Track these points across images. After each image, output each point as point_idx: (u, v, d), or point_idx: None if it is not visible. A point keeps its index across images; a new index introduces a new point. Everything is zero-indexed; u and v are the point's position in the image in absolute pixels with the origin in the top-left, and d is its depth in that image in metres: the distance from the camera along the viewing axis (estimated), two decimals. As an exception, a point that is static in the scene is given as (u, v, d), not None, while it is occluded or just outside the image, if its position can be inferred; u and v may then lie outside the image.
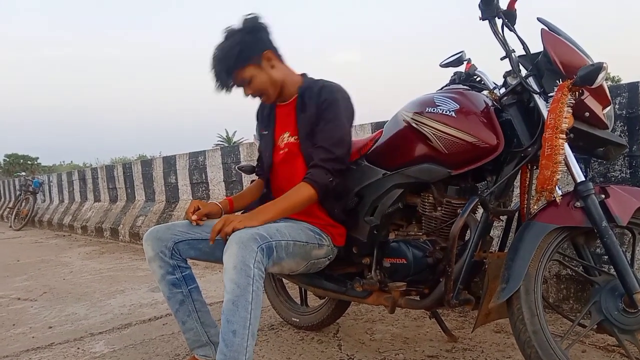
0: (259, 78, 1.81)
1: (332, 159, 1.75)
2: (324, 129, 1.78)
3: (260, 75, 1.81)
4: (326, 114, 1.78)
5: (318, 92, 1.82)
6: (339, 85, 1.86)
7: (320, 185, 1.73)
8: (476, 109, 1.66)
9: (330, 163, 1.74)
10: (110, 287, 3.84)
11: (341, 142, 1.78)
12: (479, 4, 1.62)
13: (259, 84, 1.82)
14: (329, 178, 1.74)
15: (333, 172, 1.75)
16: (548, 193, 1.49)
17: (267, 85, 1.83)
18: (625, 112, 2.35)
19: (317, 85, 1.84)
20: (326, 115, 1.78)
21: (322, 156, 1.75)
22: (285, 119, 1.92)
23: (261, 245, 1.53)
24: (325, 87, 1.82)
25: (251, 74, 1.80)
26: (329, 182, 1.74)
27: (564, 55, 1.51)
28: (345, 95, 1.84)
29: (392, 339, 2.26)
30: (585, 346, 2.00)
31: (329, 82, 1.87)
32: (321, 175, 1.73)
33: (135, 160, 8.01)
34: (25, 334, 2.75)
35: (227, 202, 1.98)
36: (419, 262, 1.71)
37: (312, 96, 1.83)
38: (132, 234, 6.58)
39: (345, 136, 1.80)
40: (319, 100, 1.80)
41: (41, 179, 11.09)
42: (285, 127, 1.92)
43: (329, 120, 1.78)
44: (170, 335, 2.52)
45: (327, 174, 1.74)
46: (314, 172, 1.74)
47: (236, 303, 1.47)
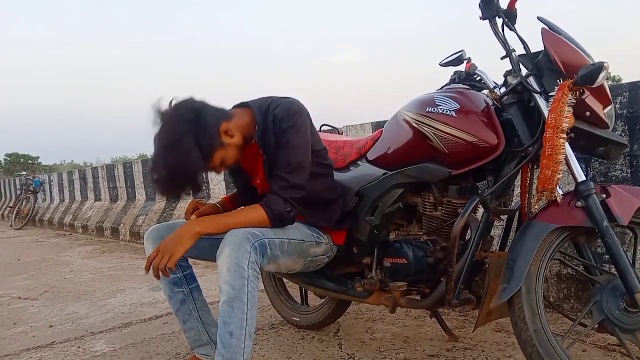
0: (228, 155, 1.67)
1: (290, 187, 1.65)
2: (281, 156, 1.67)
3: (228, 151, 1.67)
4: (281, 141, 1.67)
5: (272, 124, 1.69)
6: (288, 103, 1.72)
7: (276, 213, 1.63)
8: (477, 109, 1.66)
9: (287, 192, 1.65)
10: (111, 287, 3.84)
11: (298, 168, 1.66)
12: (480, 4, 1.63)
13: (231, 160, 1.69)
14: (287, 208, 1.64)
15: (291, 201, 1.65)
16: (549, 193, 1.49)
17: (238, 155, 1.71)
18: (626, 112, 2.35)
19: (269, 117, 1.70)
20: (281, 142, 1.67)
21: (280, 184, 1.65)
22: (251, 163, 1.82)
23: (254, 244, 1.52)
24: (277, 117, 1.68)
25: (220, 158, 1.65)
26: (286, 211, 1.64)
27: (565, 55, 1.51)
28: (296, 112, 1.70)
29: (392, 338, 2.26)
30: (586, 346, 2.00)
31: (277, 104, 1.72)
32: (280, 204, 1.63)
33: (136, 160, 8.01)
34: (26, 333, 2.75)
35: (226, 201, 1.98)
36: (420, 262, 1.72)
37: (269, 136, 1.70)
38: (133, 233, 6.58)
39: (303, 161, 1.68)
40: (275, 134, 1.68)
41: (42, 179, 11.09)
42: (255, 171, 1.83)
43: (284, 147, 1.66)
44: (171, 335, 2.52)
45: (285, 203, 1.64)
46: (273, 200, 1.64)
47: (232, 305, 1.48)
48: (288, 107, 1.69)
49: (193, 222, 1.59)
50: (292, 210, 1.67)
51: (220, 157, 1.64)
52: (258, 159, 1.77)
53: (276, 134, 1.67)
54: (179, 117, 1.58)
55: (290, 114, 1.68)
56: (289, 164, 1.65)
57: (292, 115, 1.68)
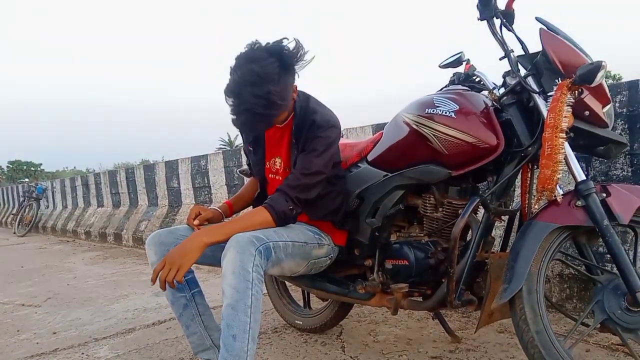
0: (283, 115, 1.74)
1: (299, 186, 1.69)
2: (303, 158, 1.72)
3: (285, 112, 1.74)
4: (310, 145, 1.72)
5: (310, 124, 1.74)
6: (329, 115, 1.78)
7: (278, 212, 1.67)
8: (476, 110, 1.66)
9: (294, 190, 1.69)
10: (114, 292, 3.84)
11: (315, 174, 1.71)
12: (477, 4, 1.63)
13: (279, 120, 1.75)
14: (289, 206, 1.68)
15: (295, 200, 1.69)
16: (549, 192, 1.49)
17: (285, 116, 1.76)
18: (625, 110, 2.35)
19: (310, 116, 1.75)
20: (309, 146, 1.72)
21: (289, 182, 1.70)
22: (277, 142, 1.86)
23: (259, 247, 1.53)
24: (316, 122, 1.73)
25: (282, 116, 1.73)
26: (288, 209, 1.68)
27: (563, 55, 1.51)
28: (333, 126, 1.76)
29: (395, 340, 2.26)
30: (589, 345, 2.00)
31: (317, 109, 1.78)
32: (281, 202, 1.68)
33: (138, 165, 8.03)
34: (29, 339, 2.75)
35: (227, 206, 1.98)
36: (421, 263, 1.72)
37: (304, 127, 1.75)
38: (136, 238, 6.59)
39: (321, 170, 1.72)
40: (309, 133, 1.74)
41: (44, 185, 11.12)
42: (277, 151, 1.87)
43: (311, 151, 1.72)
44: (174, 340, 2.53)
45: (287, 201, 1.68)
46: (275, 198, 1.68)
47: (235, 307, 1.48)
48: (328, 119, 1.76)
49: (199, 233, 1.60)
50: (295, 209, 1.71)
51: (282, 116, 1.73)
52: (283, 140, 1.82)
53: (309, 136, 1.73)
54: (278, 55, 1.61)
55: (328, 126, 1.74)
56: (308, 168, 1.70)
57: (329, 127, 1.74)
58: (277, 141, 1.86)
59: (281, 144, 1.85)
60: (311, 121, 1.74)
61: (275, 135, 1.85)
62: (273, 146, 1.88)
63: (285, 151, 1.83)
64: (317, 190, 1.75)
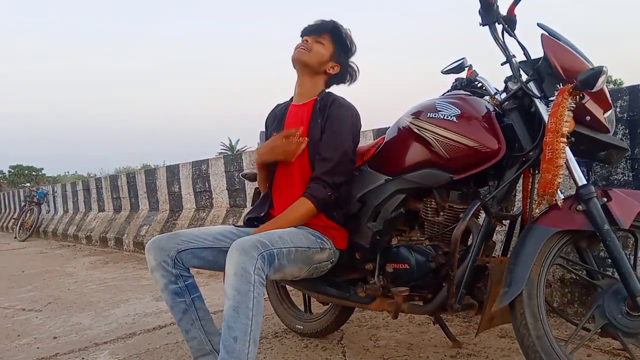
0: (320, 48, 1.94)
1: (332, 172, 1.80)
2: (327, 141, 1.84)
3: (323, 50, 1.94)
4: (331, 126, 1.84)
5: (330, 104, 1.90)
6: (348, 102, 1.94)
7: (319, 199, 1.78)
8: (477, 114, 1.66)
9: (329, 176, 1.79)
10: (114, 297, 3.84)
11: (343, 155, 1.83)
12: (479, 10, 1.64)
13: (316, 50, 1.93)
14: (327, 192, 1.79)
15: (332, 185, 1.80)
16: (550, 197, 1.49)
17: (315, 57, 1.93)
18: (626, 116, 2.35)
19: (330, 98, 1.93)
20: (331, 127, 1.84)
21: (322, 169, 1.80)
22: (297, 119, 1.96)
23: (262, 253, 1.54)
24: (336, 101, 1.90)
25: (323, 42, 1.95)
26: (327, 196, 1.79)
27: (564, 60, 1.52)
28: (352, 112, 1.91)
29: (396, 345, 2.25)
30: (590, 350, 1.99)
31: (340, 97, 1.95)
32: (320, 189, 1.78)
33: (139, 170, 8.03)
34: (30, 344, 2.75)
35: None
36: (422, 267, 1.71)
37: (326, 106, 1.90)
38: (136, 243, 6.59)
39: (347, 150, 1.85)
40: (328, 112, 1.87)
41: (45, 190, 11.12)
42: (296, 125, 1.94)
43: (333, 132, 1.85)
44: (175, 344, 2.52)
45: (325, 187, 1.79)
46: (313, 187, 1.79)
47: (237, 309, 1.48)
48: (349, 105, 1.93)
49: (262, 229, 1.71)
50: (333, 194, 1.81)
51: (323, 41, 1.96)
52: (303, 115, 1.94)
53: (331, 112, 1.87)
54: None
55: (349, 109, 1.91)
56: (335, 150, 1.82)
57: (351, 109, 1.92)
58: (298, 118, 1.96)
59: (301, 119, 1.95)
60: (332, 99, 1.91)
61: (298, 114, 1.97)
62: (292, 123, 1.97)
63: (305, 124, 1.92)
64: (347, 170, 1.86)
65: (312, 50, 1.93)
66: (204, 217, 5.67)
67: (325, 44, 1.95)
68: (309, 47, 1.94)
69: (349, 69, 2.04)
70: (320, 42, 1.95)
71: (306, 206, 1.78)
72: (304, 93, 1.98)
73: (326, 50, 1.95)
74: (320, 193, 1.78)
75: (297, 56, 1.94)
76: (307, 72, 1.97)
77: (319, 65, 1.95)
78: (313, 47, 1.94)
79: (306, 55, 1.93)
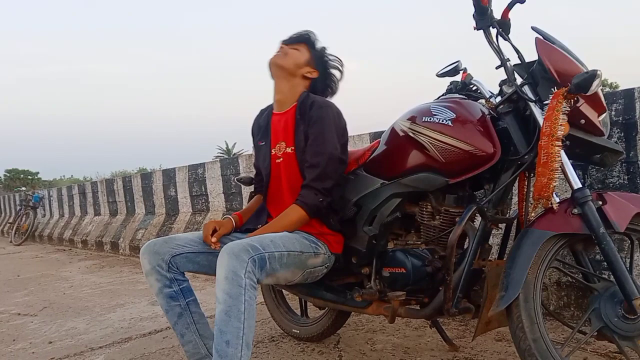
0: (296, 53, 1.96)
1: (321, 177, 1.79)
2: (311, 147, 1.83)
3: (298, 54, 1.96)
4: (314, 130, 1.83)
5: (310, 107, 1.88)
6: (328, 101, 1.94)
7: (310, 206, 1.78)
8: (472, 118, 1.66)
9: (318, 183, 1.79)
10: (110, 301, 3.83)
11: (329, 158, 1.81)
12: (474, 14, 1.64)
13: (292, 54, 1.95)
14: (318, 198, 1.79)
15: (322, 191, 1.79)
16: (545, 200, 1.49)
17: (291, 60, 1.94)
18: (621, 119, 2.36)
19: (309, 100, 1.91)
20: (314, 132, 1.83)
21: (311, 176, 1.80)
22: (282, 128, 1.94)
23: (253, 256, 1.54)
24: (315, 103, 1.88)
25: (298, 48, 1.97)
26: (319, 202, 1.79)
27: (559, 64, 1.52)
28: (334, 111, 1.89)
29: (393, 349, 2.25)
30: (586, 353, 1.99)
31: (319, 97, 1.93)
32: (310, 196, 1.78)
33: (135, 174, 8.02)
34: (25, 349, 2.74)
35: (238, 217, 2.00)
36: (418, 271, 1.71)
37: (306, 110, 1.88)
38: (132, 247, 6.58)
39: (333, 152, 1.82)
40: (309, 116, 1.86)
41: (41, 194, 11.09)
42: (281, 137, 1.94)
43: (316, 137, 1.83)
44: (171, 349, 2.51)
45: (316, 194, 1.78)
46: (304, 194, 1.79)
47: (229, 313, 1.48)
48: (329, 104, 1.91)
49: None
50: (324, 200, 1.81)
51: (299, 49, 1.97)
52: (287, 125, 1.93)
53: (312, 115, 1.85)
54: None
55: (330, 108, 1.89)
56: (320, 154, 1.81)
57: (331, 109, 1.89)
58: (282, 127, 1.95)
59: (285, 128, 1.93)
60: (312, 101, 1.89)
61: (280, 123, 1.96)
62: (278, 133, 1.96)
63: (289, 133, 1.91)
64: (337, 173, 1.85)
65: (288, 53, 1.95)
66: (201, 221, 5.66)
67: (301, 50, 1.97)
68: (284, 51, 1.97)
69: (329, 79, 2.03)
70: (296, 49, 1.97)
71: (297, 213, 1.78)
72: (282, 100, 1.97)
73: (302, 55, 1.96)
74: (311, 199, 1.78)
75: (273, 59, 1.96)
76: (284, 76, 1.95)
77: (295, 67, 1.95)
78: (289, 51, 1.96)
79: (282, 58, 1.95)
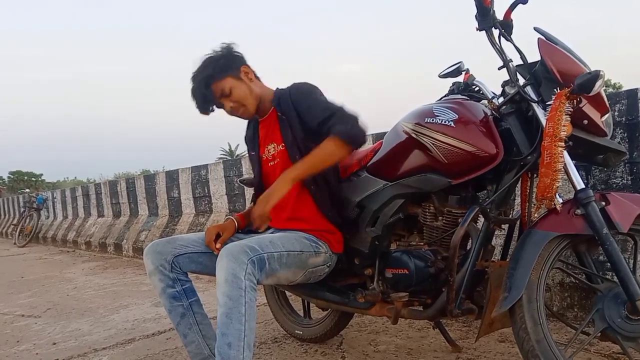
0: (238, 89, 1.85)
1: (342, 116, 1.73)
2: (311, 108, 1.81)
3: (240, 86, 1.86)
4: (304, 100, 1.83)
5: (288, 93, 1.88)
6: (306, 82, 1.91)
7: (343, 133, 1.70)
8: (475, 119, 1.66)
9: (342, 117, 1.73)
10: (113, 302, 3.83)
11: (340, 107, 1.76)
12: (476, 15, 1.64)
13: (238, 95, 1.85)
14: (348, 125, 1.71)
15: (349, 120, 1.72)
16: (548, 201, 1.49)
17: (246, 96, 1.87)
18: (624, 119, 2.36)
19: (284, 93, 1.90)
20: (305, 101, 1.83)
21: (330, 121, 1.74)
22: (268, 132, 1.95)
23: (252, 257, 1.54)
24: (293, 86, 1.90)
25: (230, 85, 1.84)
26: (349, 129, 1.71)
27: (561, 64, 1.52)
28: (312, 85, 1.89)
29: (396, 350, 2.25)
30: (590, 354, 1.99)
31: (292, 85, 1.92)
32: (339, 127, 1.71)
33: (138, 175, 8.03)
34: (29, 350, 2.74)
35: (240, 218, 2.00)
36: (421, 272, 1.71)
37: (286, 100, 1.87)
38: (136, 248, 6.59)
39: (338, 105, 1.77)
40: (292, 98, 1.86)
41: (45, 195, 11.11)
42: (269, 139, 1.95)
43: (311, 101, 1.82)
44: (174, 350, 2.52)
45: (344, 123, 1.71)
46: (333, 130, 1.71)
47: (230, 316, 1.48)
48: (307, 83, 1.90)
49: (285, 175, 1.69)
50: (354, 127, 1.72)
51: (230, 85, 1.84)
52: (271, 127, 1.92)
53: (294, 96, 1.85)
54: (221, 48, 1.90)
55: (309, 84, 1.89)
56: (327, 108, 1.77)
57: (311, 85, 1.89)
58: (268, 131, 1.96)
59: (271, 131, 1.93)
60: (288, 92, 1.88)
61: (264, 128, 1.97)
62: (265, 138, 1.97)
63: (276, 133, 1.91)
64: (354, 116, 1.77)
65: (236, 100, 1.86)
66: (204, 222, 5.67)
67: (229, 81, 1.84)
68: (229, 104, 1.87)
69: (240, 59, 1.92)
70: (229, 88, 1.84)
71: (332, 142, 1.70)
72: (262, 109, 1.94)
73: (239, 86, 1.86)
74: (341, 128, 1.69)
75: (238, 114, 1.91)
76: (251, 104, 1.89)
77: (254, 99, 1.89)
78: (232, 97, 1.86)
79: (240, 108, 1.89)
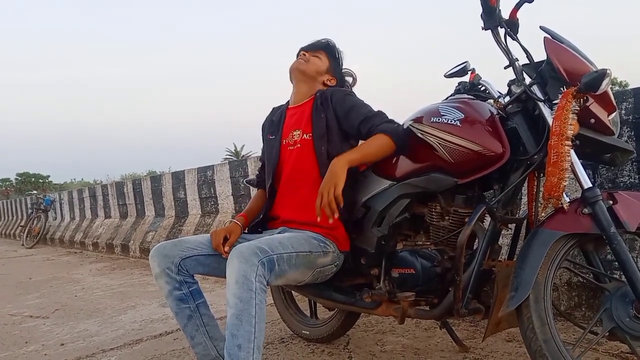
0: (318, 61, 2.06)
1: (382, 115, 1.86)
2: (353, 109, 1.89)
3: (320, 62, 2.06)
4: (346, 102, 1.91)
5: (330, 96, 1.95)
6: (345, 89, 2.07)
7: (391, 131, 1.78)
8: (481, 118, 1.66)
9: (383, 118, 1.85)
10: (121, 303, 3.85)
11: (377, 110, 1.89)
12: (481, 14, 1.64)
13: (314, 61, 2.05)
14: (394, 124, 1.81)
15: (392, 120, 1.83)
16: (555, 200, 1.48)
17: (313, 67, 2.04)
18: (631, 118, 2.35)
19: (329, 92, 1.98)
20: (346, 102, 1.91)
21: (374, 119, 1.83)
22: (297, 119, 1.99)
23: (262, 259, 1.54)
24: (336, 92, 1.97)
25: (319, 56, 2.07)
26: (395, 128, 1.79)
27: (568, 63, 1.51)
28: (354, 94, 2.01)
29: (402, 350, 2.25)
30: (598, 354, 1.98)
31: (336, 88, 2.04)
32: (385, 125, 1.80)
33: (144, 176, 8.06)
34: (37, 351, 2.76)
35: (243, 218, 2.00)
36: (428, 271, 1.71)
37: (326, 98, 1.95)
38: (143, 249, 6.61)
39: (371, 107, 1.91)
40: (333, 102, 1.93)
41: (52, 197, 11.17)
42: (296, 126, 1.98)
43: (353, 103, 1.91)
44: (181, 350, 2.52)
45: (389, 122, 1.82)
46: (379, 128, 1.80)
47: (240, 317, 1.49)
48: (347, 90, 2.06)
49: (339, 158, 1.75)
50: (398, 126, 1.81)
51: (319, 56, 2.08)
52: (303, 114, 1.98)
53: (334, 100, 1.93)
54: None
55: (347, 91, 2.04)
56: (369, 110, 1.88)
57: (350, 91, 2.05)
58: (297, 117, 2.01)
59: (301, 118, 1.99)
60: (331, 92, 1.97)
61: (296, 114, 2.02)
62: (292, 124, 2.02)
63: (306, 121, 1.96)
64: None
65: (310, 61, 2.05)
66: (210, 222, 5.68)
67: (322, 58, 2.08)
68: (306, 58, 2.06)
69: (344, 87, 2.12)
70: (317, 57, 2.07)
71: (382, 138, 1.77)
72: (300, 98, 2.03)
73: (323, 63, 2.07)
74: (387, 127, 1.79)
75: (296, 65, 2.06)
76: (305, 81, 2.04)
77: (316, 74, 2.05)
78: (310, 59, 2.06)
79: (304, 64, 2.04)
